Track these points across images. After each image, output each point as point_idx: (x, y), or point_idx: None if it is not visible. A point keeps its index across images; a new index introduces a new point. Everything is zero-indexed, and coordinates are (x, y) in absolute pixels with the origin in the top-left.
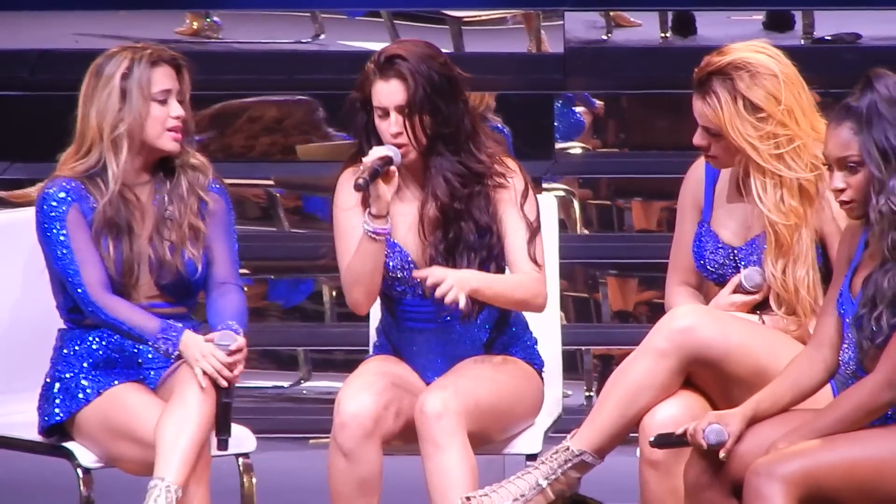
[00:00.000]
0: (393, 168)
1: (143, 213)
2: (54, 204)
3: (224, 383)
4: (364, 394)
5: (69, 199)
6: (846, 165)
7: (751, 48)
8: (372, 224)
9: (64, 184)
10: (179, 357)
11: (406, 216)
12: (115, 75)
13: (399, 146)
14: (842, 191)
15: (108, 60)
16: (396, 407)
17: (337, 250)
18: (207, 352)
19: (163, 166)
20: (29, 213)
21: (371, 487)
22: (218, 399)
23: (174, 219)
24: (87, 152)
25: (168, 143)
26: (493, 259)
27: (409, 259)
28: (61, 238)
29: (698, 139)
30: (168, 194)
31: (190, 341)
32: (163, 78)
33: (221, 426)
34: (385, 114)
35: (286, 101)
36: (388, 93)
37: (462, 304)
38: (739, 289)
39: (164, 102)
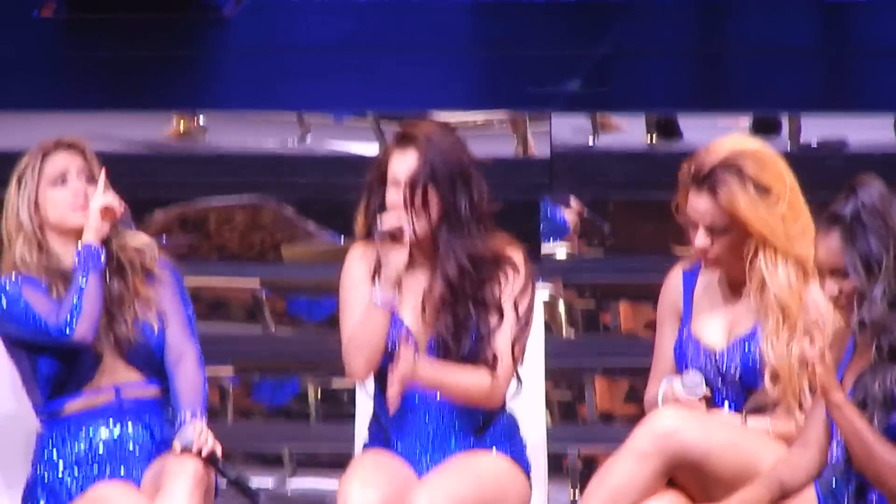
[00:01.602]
0: (406, 239)
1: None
2: (8, 287)
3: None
4: (369, 490)
5: (18, 282)
6: (837, 273)
7: (739, 139)
8: (381, 295)
9: (11, 274)
10: (98, 236)
11: (410, 294)
12: (14, 178)
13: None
14: (836, 297)
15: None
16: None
17: (341, 321)
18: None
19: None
20: None
21: None
22: (227, 480)
23: (121, 291)
24: (10, 256)
25: (77, 218)
26: (490, 343)
27: (409, 334)
28: (21, 306)
29: (701, 241)
30: (111, 272)
31: (87, 231)
32: (58, 162)
33: (249, 495)
34: (397, 185)
35: (271, 203)
36: (404, 163)
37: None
38: (674, 396)
39: (63, 183)
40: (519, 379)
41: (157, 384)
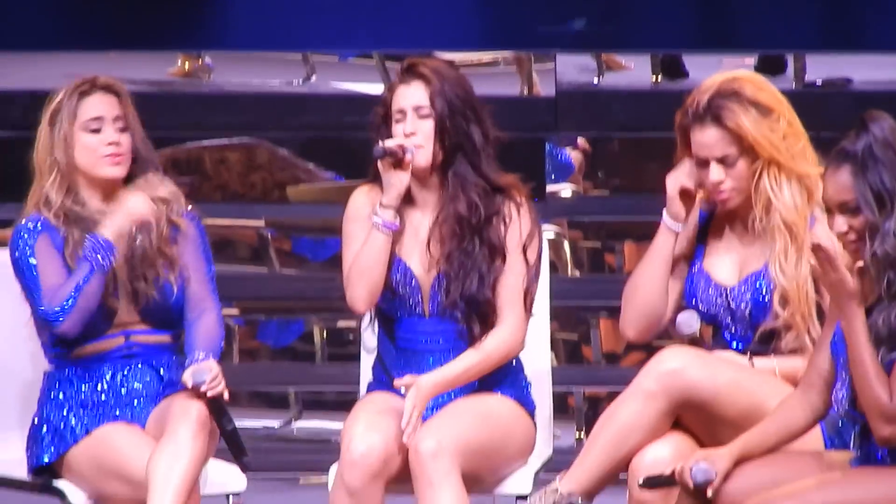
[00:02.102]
0: (408, 158)
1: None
2: (25, 235)
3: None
4: (374, 434)
5: (38, 229)
6: (847, 209)
7: (726, 72)
8: (382, 215)
9: (33, 217)
10: (121, 238)
11: (414, 233)
12: (47, 113)
13: (415, 146)
14: (846, 233)
15: (50, 100)
16: (401, 448)
17: (343, 255)
18: (120, 211)
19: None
20: None
21: None
22: (221, 429)
23: (145, 248)
24: (40, 189)
25: (107, 170)
26: (493, 289)
27: (413, 276)
28: (31, 262)
29: (715, 175)
30: (137, 227)
31: (109, 227)
32: (93, 106)
33: (237, 451)
34: (403, 116)
35: (276, 142)
36: (408, 94)
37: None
38: (675, 334)
39: (97, 131)
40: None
41: (168, 333)
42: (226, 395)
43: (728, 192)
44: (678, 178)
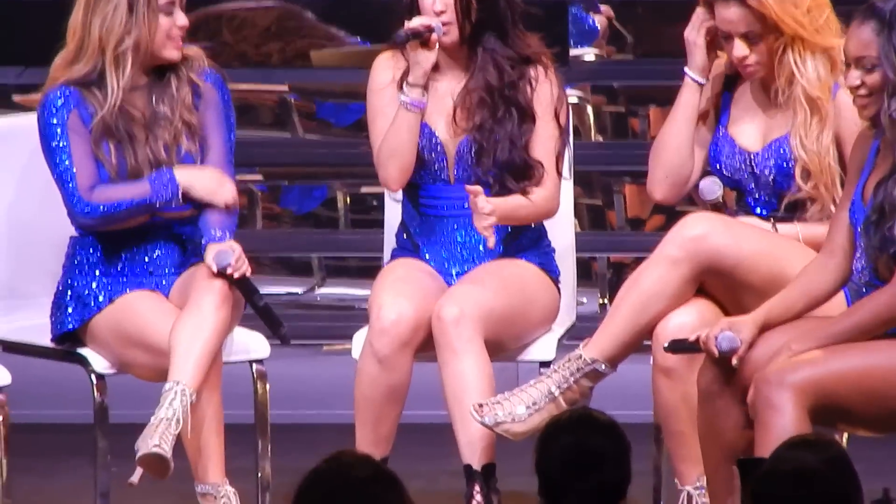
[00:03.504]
0: (435, 37)
1: (140, 117)
2: (54, 110)
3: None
4: (403, 301)
5: (69, 104)
6: (863, 65)
7: None
8: (409, 94)
9: (63, 89)
10: (189, 200)
11: (440, 101)
12: None
13: (442, 24)
14: (857, 87)
15: None
16: (429, 315)
17: (370, 130)
18: (210, 178)
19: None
20: None
21: (399, 396)
22: (254, 306)
23: (167, 117)
24: (84, 62)
25: (171, 52)
26: (526, 151)
27: (438, 141)
28: (61, 143)
29: (739, 50)
30: (159, 94)
31: (190, 176)
32: None
33: (272, 324)
34: None
35: (294, 7)
36: None
37: (491, 243)
38: (698, 200)
39: (169, 13)
40: None
41: (189, 206)
42: (248, 272)
43: (753, 66)
44: (693, 27)
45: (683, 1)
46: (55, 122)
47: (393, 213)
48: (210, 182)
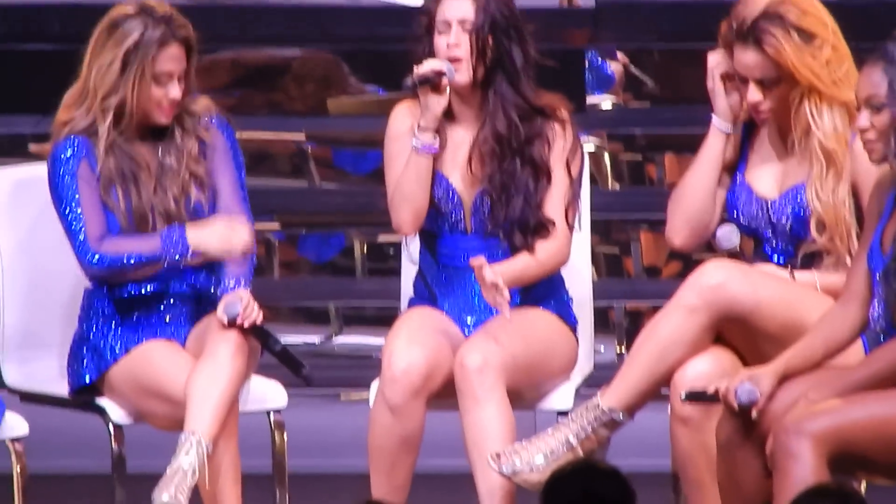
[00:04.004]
0: (445, 81)
1: (146, 166)
2: (63, 160)
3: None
4: (415, 349)
5: (79, 154)
6: (872, 104)
7: None
8: (420, 138)
9: (72, 139)
10: (199, 256)
11: (455, 149)
12: (123, 44)
13: (453, 60)
14: (866, 130)
15: (122, 21)
16: (443, 363)
17: (386, 176)
18: (221, 231)
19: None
20: None
21: (412, 445)
22: (271, 352)
23: (173, 169)
24: (85, 107)
25: (159, 118)
26: (540, 209)
27: (454, 191)
28: (70, 194)
29: (753, 95)
30: (165, 145)
31: (201, 235)
32: (168, 60)
33: (293, 367)
34: (447, 28)
35: (317, 56)
36: (455, 6)
37: (506, 313)
38: (715, 248)
39: (163, 84)
40: None
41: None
42: (259, 319)
43: (766, 113)
44: (710, 75)
45: (699, 48)
46: (63, 172)
47: (409, 262)
48: (221, 239)
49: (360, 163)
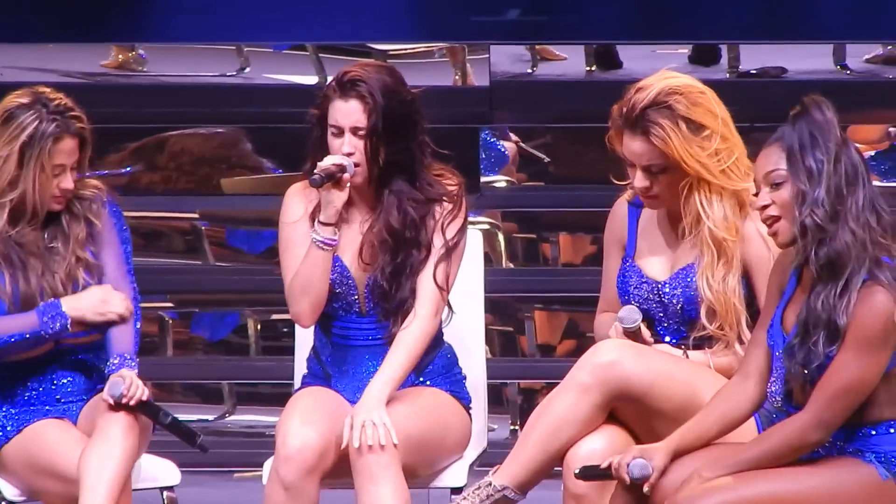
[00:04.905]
0: (346, 176)
1: (34, 250)
2: None
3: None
4: (309, 428)
5: None
6: (772, 182)
7: (665, 76)
8: (321, 233)
9: None
10: (80, 325)
11: (351, 235)
12: (19, 139)
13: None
14: (766, 207)
15: (17, 112)
16: (336, 442)
17: (282, 263)
18: (97, 298)
19: None
20: None
21: None
22: (161, 425)
23: (60, 253)
24: None
25: (54, 206)
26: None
27: (349, 275)
28: None
29: (640, 181)
30: (51, 231)
31: (77, 304)
32: (62, 153)
33: (186, 437)
34: (340, 132)
35: (210, 134)
36: (346, 112)
37: (393, 440)
38: (618, 328)
39: (58, 175)
40: (450, 307)
41: (95, 331)
42: (145, 396)
43: (653, 198)
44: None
45: (595, 127)
46: None
47: (303, 340)
48: (97, 303)
49: (254, 241)
